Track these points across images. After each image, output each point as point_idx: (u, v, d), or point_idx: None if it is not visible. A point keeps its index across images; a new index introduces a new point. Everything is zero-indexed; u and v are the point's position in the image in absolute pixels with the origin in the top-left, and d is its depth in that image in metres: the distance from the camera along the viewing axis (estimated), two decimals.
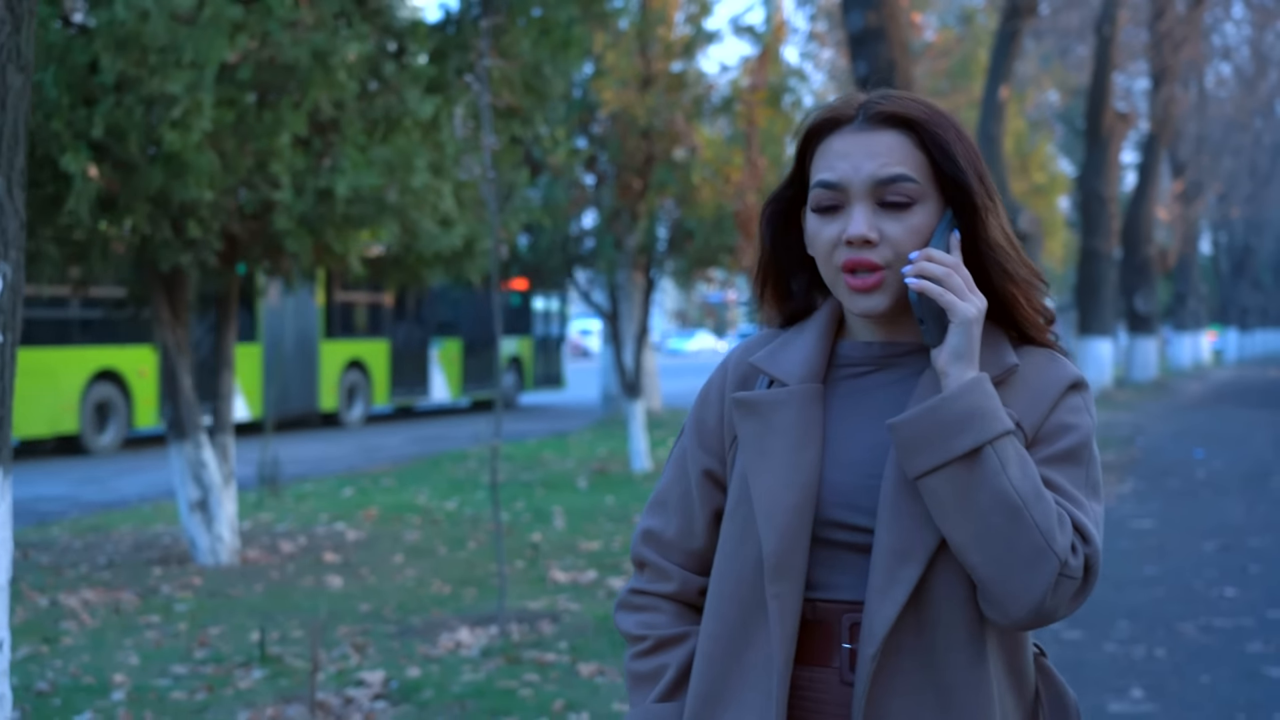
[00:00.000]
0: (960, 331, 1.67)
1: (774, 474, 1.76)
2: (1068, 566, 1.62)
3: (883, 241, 1.72)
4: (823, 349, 1.82)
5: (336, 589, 8.10)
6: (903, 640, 1.69)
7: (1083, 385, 1.77)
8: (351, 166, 8.29)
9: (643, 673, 1.88)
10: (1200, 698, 5.51)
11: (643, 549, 1.93)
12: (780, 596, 1.73)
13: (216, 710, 5.49)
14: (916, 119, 1.74)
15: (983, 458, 1.64)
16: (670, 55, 14.71)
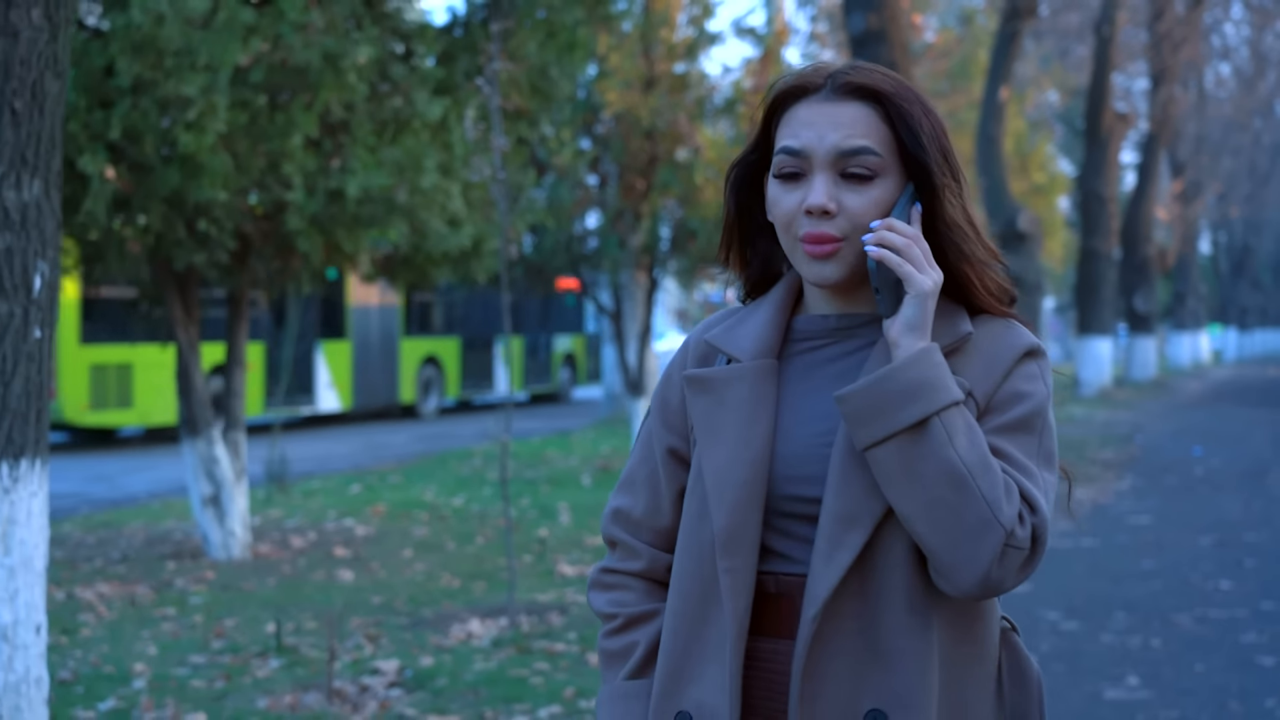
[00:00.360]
0: (915, 303, 1.68)
1: (725, 450, 1.77)
2: (1014, 537, 1.63)
3: (841, 213, 1.72)
4: (778, 324, 1.84)
5: (347, 583, 8.24)
6: (845, 605, 1.70)
7: (1039, 352, 1.76)
8: (362, 167, 8.44)
9: (613, 650, 1.90)
10: (1194, 685, 5.65)
11: (612, 528, 1.94)
12: (732, 571, 1.74)
13: (236, 698, 5.64)
14: (884, 92, 1.73)
15: (929, 429, 1.64)
16: (673, 57, 14.85)
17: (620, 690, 1.86)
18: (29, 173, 3.70)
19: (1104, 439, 17.10)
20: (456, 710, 5.37)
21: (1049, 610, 7.12)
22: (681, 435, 1.87)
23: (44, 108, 3.73)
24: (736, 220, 1.87)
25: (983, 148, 19.16)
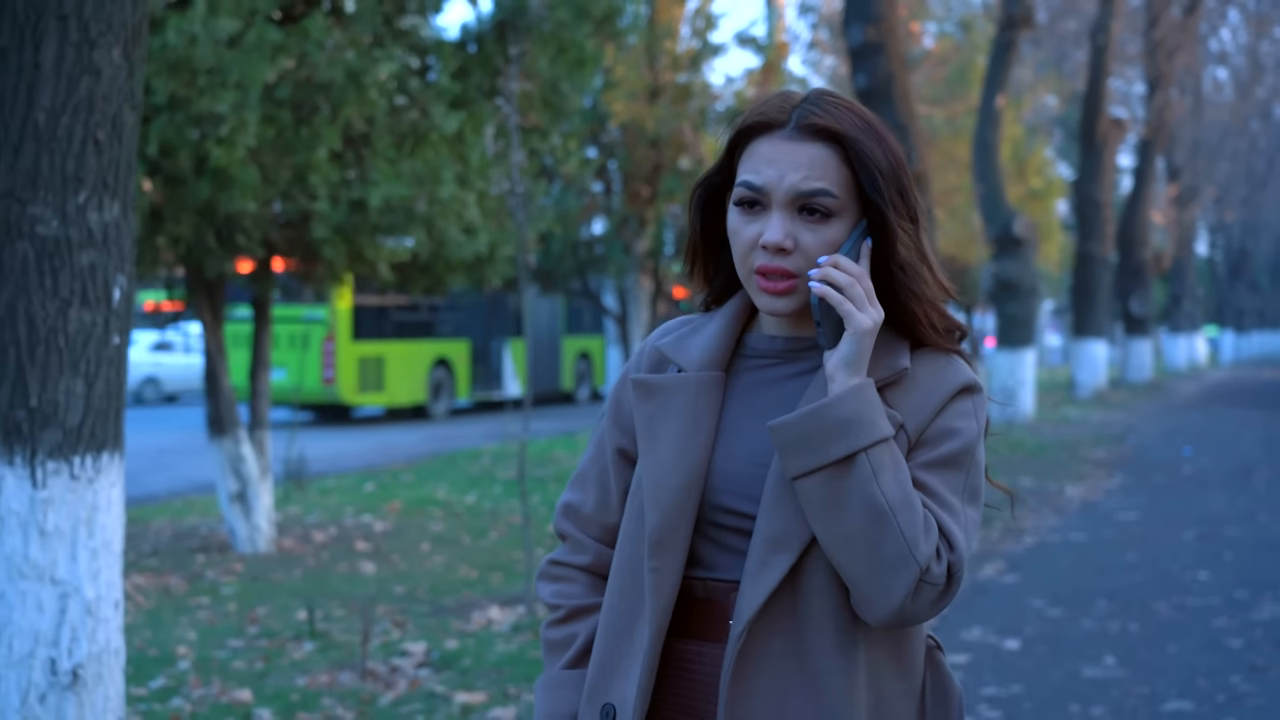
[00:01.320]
0: (853, 341, 1.73)
1: (663, 454, 1.82)
2: (929, 574, 1.68)
3: (797, 250, 1.77)
4: (728, 338, 1.88)
5: (370, 574, 8.66)
6: (774, 624, 1.75)
7: (975, 389, 1.81)
8: (383, 178, 8.87)
9: (555, 640, 1.96)
10: (1166, 664, 6.08)
11: (563, 522, 2.00)
12: (658, 570, 1.80)
13: (275, 677, 6.06)
14: (846, 135, 1.77)
15: (856, 464, 1.69)
16: (677, 67, 15.28)
17: (557, 679, 1.94)
18: (110, 195, 4.13)
19: (1097, 439, 17.52)
20: (482, 688, 5.79)
21: (1035, 598, 7.56)
22: (631, 436, 1.93)
23: (122, 137, 4.16)
24: (701, 236, 1.92)
25: (979, 155, 19.58)
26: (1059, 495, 12.10)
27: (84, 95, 4.04)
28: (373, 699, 5.63)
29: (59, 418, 4.03)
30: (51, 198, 4.01)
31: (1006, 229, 19.14)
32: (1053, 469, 14.08)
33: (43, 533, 4.01)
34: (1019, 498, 11.63)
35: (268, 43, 8.18)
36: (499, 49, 9.73)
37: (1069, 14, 29.35)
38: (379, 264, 9.69)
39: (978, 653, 6.33)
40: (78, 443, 4.07)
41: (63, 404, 4.03)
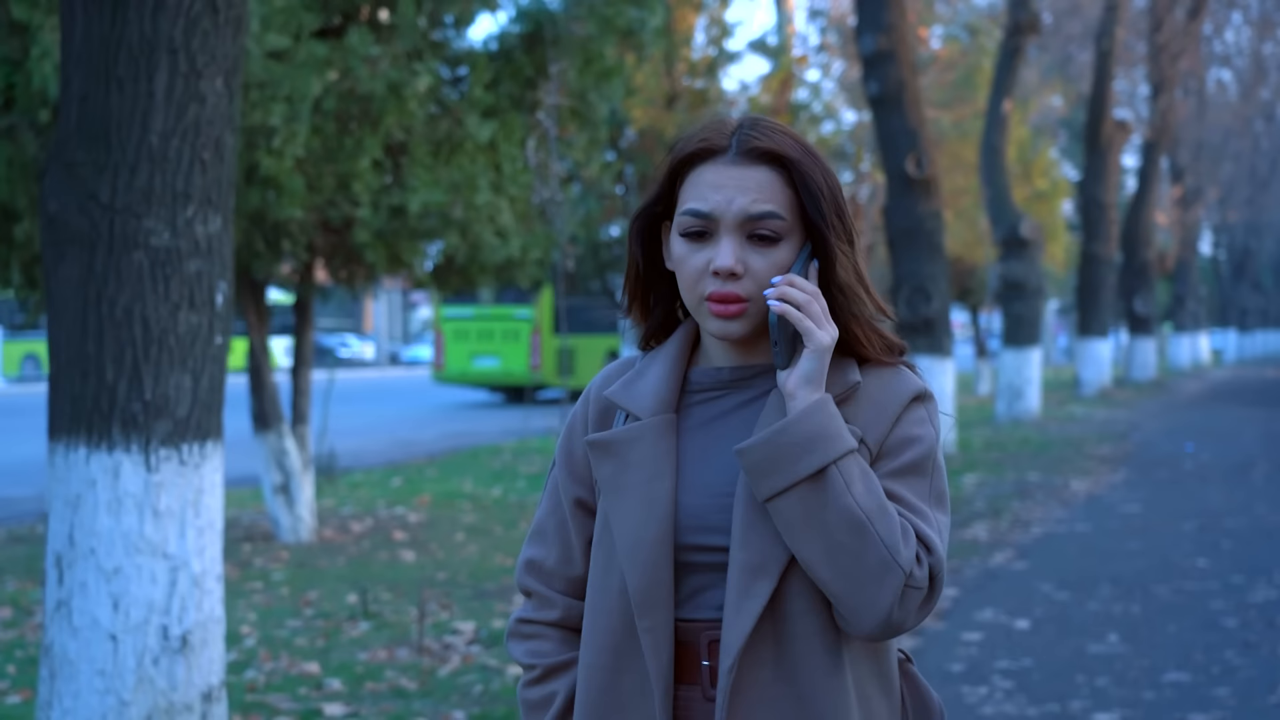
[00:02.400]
0: (813, 357, 1.75)
1: (632, 510, 1.82)
2: (913, 577, 1.70)
3: (747, 274, 1.78)
4: (674, 378, 1.88)
5: (410, 562, 9.12)
6: (760, 653, 1.75)
7: (926, 397, 1.83)
8: (421, 185, 9.33)
9: (533, 700, 1.93)
10: (1166, 641, 6.54)
11: (526, 578, 1.97)
12: (652, 630, 1.79)
13: (337, 652, 6.52)
14: (789, 157, 1.79)
15: (828, 478, 1.70)
16: (694, 74, 15.73)
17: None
18: (213, 210, 4.59)
19: (1101, 436, 17.97)
20: None
21: (1043, 583, 8.02)
22: (587, 486, 1.92)
23: (223, 158, 4.62)
24: (642, 267, 1.92)
25: (986, 158, 20.02)
26: (1065, 489, 12.55)
27: (191, 120, 4.50)
28: (432, 671, 6.10)
29: (170, 410, 4.49)
30: (163, 212, 4.47)
31: (1013, 230, 19.59)
32: (1059, 464, 14.54)
33: (156, 513, 4.47)
34: (1026, 491, 12.11)
35: (315, 57, 8.65)
36: (528, 60, 10.19)
37: (1073, 16, 29.75)
38: (414, 266, 10.15)
39: (990, 631, 6.79)
40: (186, 432, 4.53)
41: (173, 397, 4.49)
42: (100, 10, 4.45)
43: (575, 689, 1.88)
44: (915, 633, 6.74)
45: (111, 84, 4.45)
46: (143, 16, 4.43)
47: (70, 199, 4.48)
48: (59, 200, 4.51)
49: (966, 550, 9.14)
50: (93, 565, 4.44)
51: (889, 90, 14.66)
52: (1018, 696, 5.60)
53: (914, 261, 14.60)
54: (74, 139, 4.51)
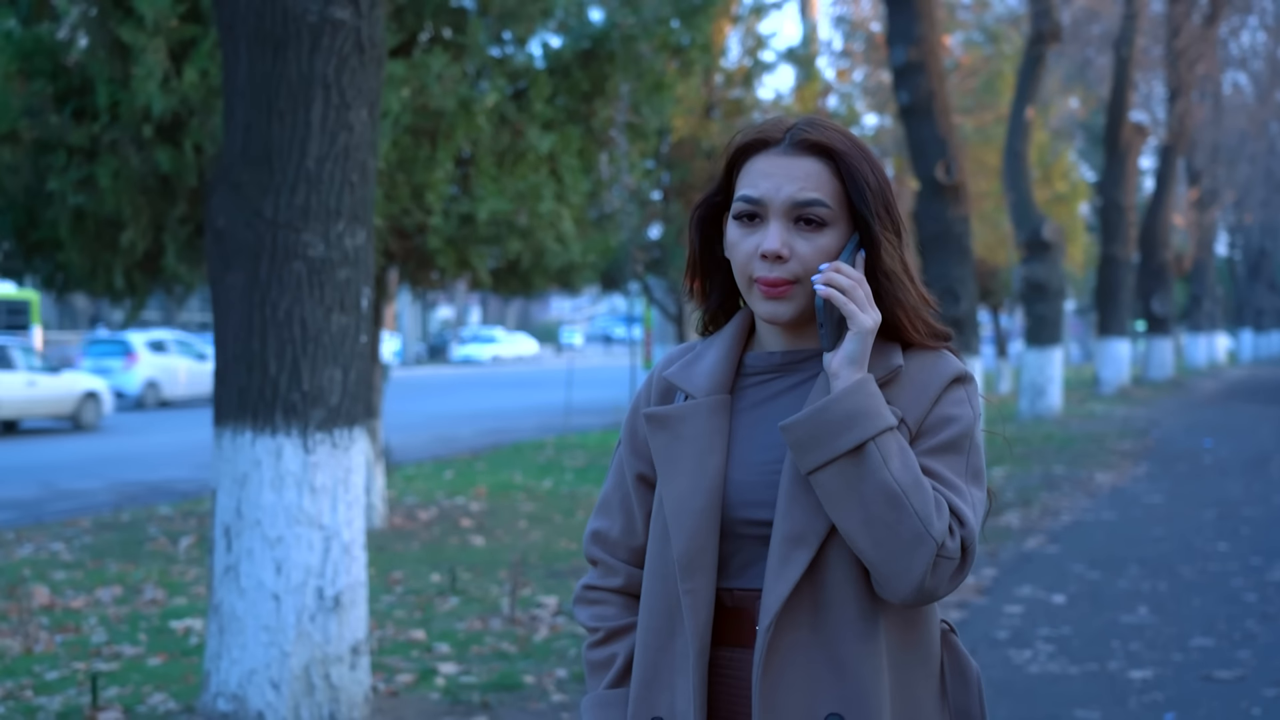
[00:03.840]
0: (856, 339, 1.83)
1: (682, 481, 1.92)
2: (945, 548, 1.78)
3: (793, 257, 1.87)
4: (730, 361, 1.98)
5: (481, 546, 9.77)
6: (798, 617, 1.85)
7: (966, 379, 1.91)
8: (488, 194, 9.99)
9: (596, 661, 2.05)
10: (1191, 613, 7.17)
11: (593, 548, 2.08)
12: (693, 592, 1.90)
13: (436, 623, 7.17)
14: (837, 150, 1.88)
15: (866, 453, 1.79)
16: (730, 84, 16.36)
17: (601, 698, 2.03)
18: (359, 224, 5.24)
19: (1122, 432, 18.58)
20: None
21: (1075, 564, 8.65)
22: (648, 462, 2.01)
23: (367, 179, 5.27)
24: (700, 254, 2.01)
25: (1009, 163, 20.63)
26: (1090, 481, 13.17)
27: (341, 147, 5.16)
28: (527, 637, 6.75)
29: (324, 399, 5.14)
30: (318, 227, 5.12)
31: (1035, 233, 20.19)
32: (1083, 458, 15.15)
33: (312, 489, 5.13)
34: (1053, 483, 12.73)
35: (396, 76, 9.30)
36: (584, 76, 10.85)
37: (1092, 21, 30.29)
38: (479, 270, 10.81)
39: (1029, 605, 7.42)
40: (337, 418, 5.19)
41: (326, 388, 5.15)
42: (263, 51, 5.11)
43: (635, 651, 1.99)
44: (960, 605, 7.38)
45: (273, 115, 5.11)
46: (300, 57, 5.09)
47: (237, 215, 5.14)
48: (226, 216, 5.17)
49: (1001, 535, 9.77)
50: (258, 535, 5.10)
51: (919, 100, 15.27)
52: (1060, 658, 6.24)
53: (943, 264, 15.21)
54: (239, 162, 5.17)
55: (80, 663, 6.38)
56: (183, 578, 8.68)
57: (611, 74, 10.82)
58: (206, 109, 9.08)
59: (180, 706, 5.49)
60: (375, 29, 5.23)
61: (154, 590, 8.23)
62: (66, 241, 9.42)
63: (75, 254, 9.45)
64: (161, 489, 13.94)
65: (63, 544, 10.09)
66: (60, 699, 5.70)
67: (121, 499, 13.09)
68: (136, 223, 9.18)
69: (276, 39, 5.10)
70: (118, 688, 5.84)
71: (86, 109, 9.35)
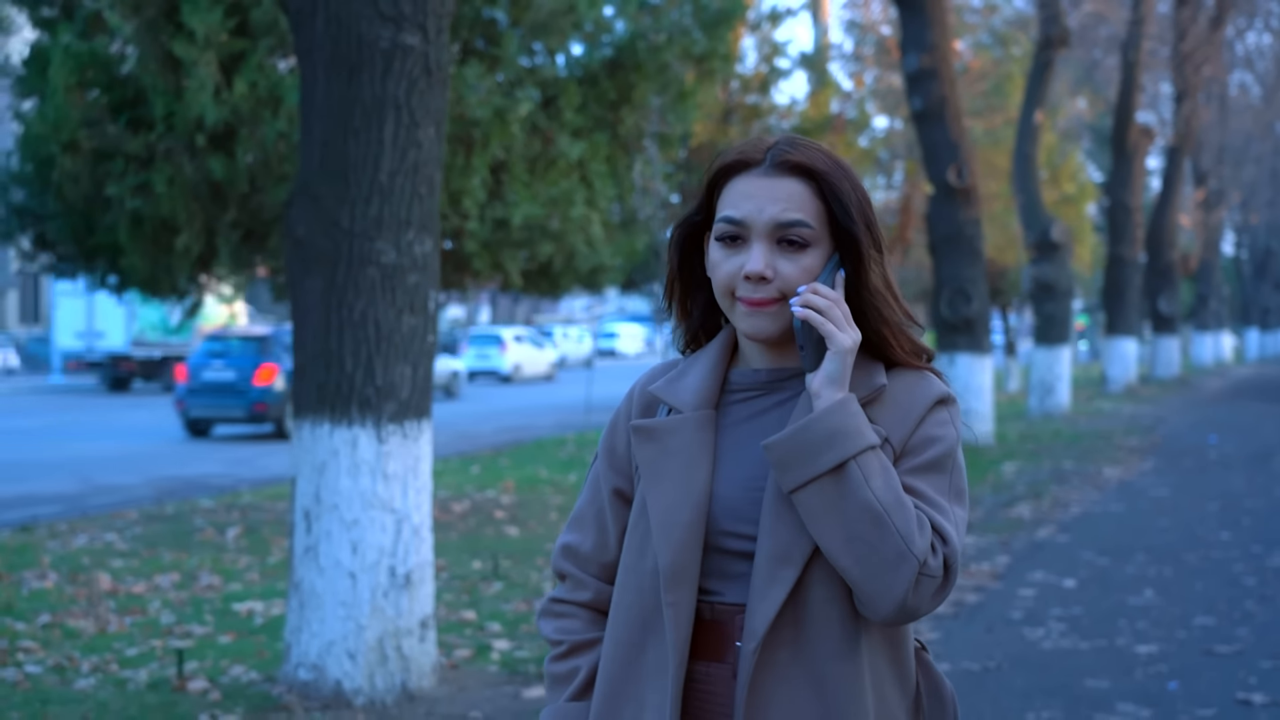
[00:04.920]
0: (836, 359, 1.83)
1: (669, 493, 1.91)
2: (927, 566, 1.78)
3: (776, 278, 1.87)
4: (715, 377, 1.97)
5: (516, 536, 10.22)
6: (781, 636, 1.84)
7: (949, 401, 1.91)
8: (521, 200, 10.45)
9: (558, 674, 2.04)
10: (1194, 595, 7.63)
11: (562, 562, 2.07)
12: (675, 604, 1.88)
13: (483, 604, 7.62)
14: (819, 170, 1.88)
15: (847, 472, 1.79)
16: (747, 90, 16.82)
17: (562, 711, 2.02)
18: (427, 233, 5.69)
19: (1129, 429, 19.02)
20: None
21: (1085, 551, 9.11)
22: (626, 477, 2.02)
23: (434, 191, 5.73)
24: (679, 274, 2.01)
25: (1019, 166, 21.08)
26: (1098, 475, 13.62)
27: (411, 162, 5.62)
28: None
29: (395, 393, 5.60)
30: (390, 235, 5.58)
31: (1044, 234, 20.64)
32: (1091, 454, 15.59)
33: (385, 476, 5.59)
34: (1063, 477, 13.17)
35: None
36: (611, 85, 11.31)
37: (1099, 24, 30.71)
38: (512, 272, 11.28)
39: (1041, 589, 7.87)
40: (407, 411, 5.65)
41: (398, 384, 5.61)
42: (339, 74, 5.58)
43: (598, 666, 1.99)
44: (977, 589, 7.84)
45: (349, 133, 5.57)
46: (374, 79, 5.55)
47: (316, 225, 5.60)
48: (306, 225, 5.63)
49: (1013, 526, 10.22)
50: (336, 518, 5.56)
51: (931, 105, 15.73)
52: (1071, 635, 6.70)
53: (955, 265, 15.68)
54: (317, 176, 5.63)
55: (155, 640, 6.83)
56: (235, 565, 9.12)
57: (637, 83, 11.29)
58: (255, 119, 9.57)
59: (261, 676, 5.95)
60: (441, 53, 5.68)
61: (209, 576, 8.68)
62: (126, 245, 9.89)
63: (135, 257, 9.93)
64: (196, 484, 14.40)
65: (115, 534, 10.54)
66: (145, 672, 6.16)
67: (160, 493, 13.54)
68: (190, 227, 9.66)
69: (352, 63, 5.56)
70: (196, 662, 6.29)
71: (142, 119, 9.83)
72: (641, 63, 11.26)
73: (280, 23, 9.56)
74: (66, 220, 10.05)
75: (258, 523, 11.03)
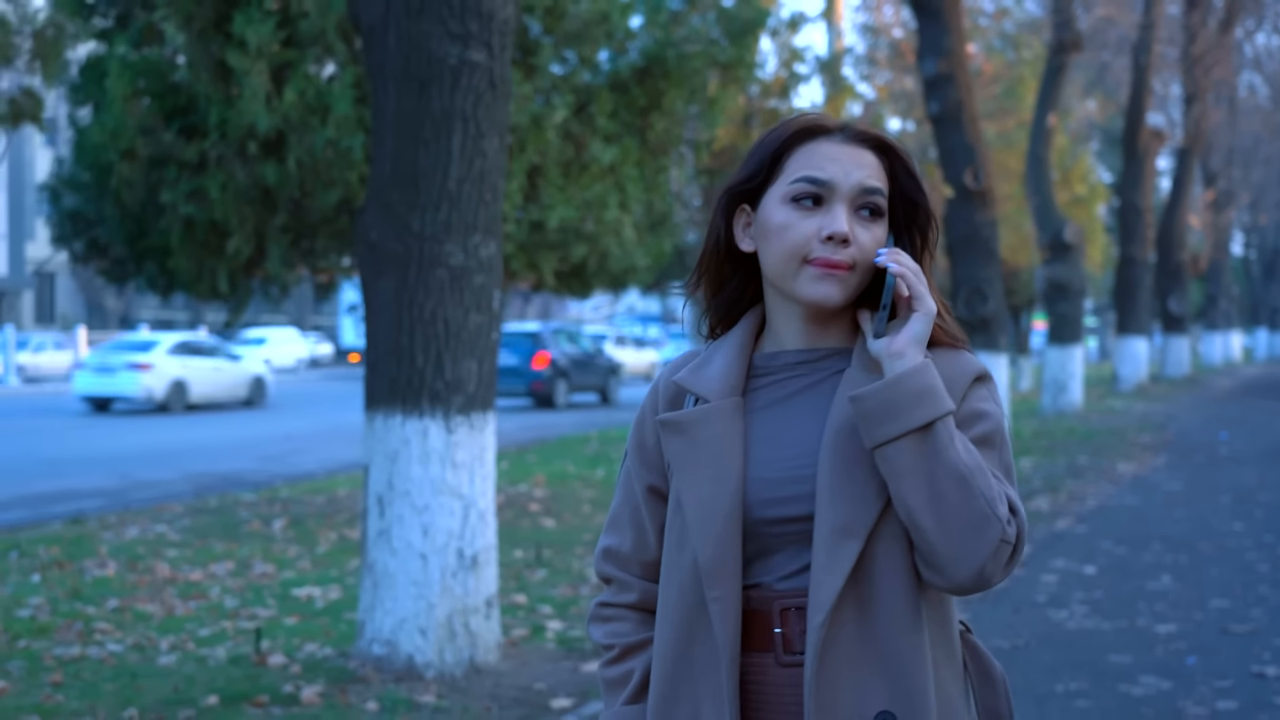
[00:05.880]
0: (924, 320, 1.82)
1: (703, 485, 1.88)
2: (1006, 533, 1.75)
3: (854, 243, 1.84)
4: (741, 363, 1.93)
5: (553, 527, 10.61)
6: (845, 613, 1.80)
7: (987, 378, 1.90)
8: (556, 203, 10.84)
9: (612, 678, 2.01)
10: (1210, 580, 8.01)
11: (604, 565, 2.05)
12: (720, 599, 1.85)
13: (531, 590, 8.01)
14: (893, 147, 1.90)
15: (935, 431, 1.76)
16: (767, 95, 17.19)
17: (619, 715, 1.99)
18: (492, 237, 6.08)
19: (1141, 426, 19.39)
20: None
21: (1103, 541, 9.49)
22: (658, 472, 1.98)
23: (498, 198, 6.11)
24: (725, 243, 1.95)
25: (1033, 169, 21.45)
26: (1112, 470, 13.99)
27: (477, 171, 6.00)
28: None
29: (463, 387, 5.99)
30: (458, 239, 5.97)
31: (1058, 235, 21.01)
32: (1105, 450, 15.96)
33: (454, 464, 5.98)
34: (1078, 472, 13.53)
35: None
36: (641, 92, 11.69)
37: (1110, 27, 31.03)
38: (546, 272, 11.66)
39: (1063, 575, 8.25)
40: (474, 404, 6.03)
41: (465, 378, 5.99)
42: (410, 89, 5.96)
43: (651, 666, 1.95)
44: None
45: (419, 144, 5.96)
46: (443, 94, 5.94)
47: (388, 229, 5.99)
48: (378, 230, 6.02)
49: (1032, 518, 10.59)
50: (408, 503, 5.95)
51: (948, 109, 16.08)
52: (1094, 616, 7.08)
53: (972, 266, 16.03)
54: (389, 184, 6.02)
55: (224, 622, 7.23)
56: (285, 554, 9.51)
57: (667, 90, 11.67)
58: (304, 127, 9.96)
59: (335, 652, 6.34)
60: (505, 68, 6.07)
61: (262, 565, 9.07)
62: (176, 248, 10.29)
63: (184, 259, 10.33)
64: (231, 479, 14.80)
65: (165, 526, 10.94)
66: (222, 649, 6.55)
67: (198, 488, 13.95)
68: (241, 230, 10.05)
69: (422, 79, 5.94)
70: (268, 641, 6.68)
71: (194, 126, 10.22)
72: (670, 70, 11.64)
73: (327, 33, 9.96)
74: (121, 224, 10.44)
75: (301, 515, 11.42)
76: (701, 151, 12.65)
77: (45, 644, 6.74)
